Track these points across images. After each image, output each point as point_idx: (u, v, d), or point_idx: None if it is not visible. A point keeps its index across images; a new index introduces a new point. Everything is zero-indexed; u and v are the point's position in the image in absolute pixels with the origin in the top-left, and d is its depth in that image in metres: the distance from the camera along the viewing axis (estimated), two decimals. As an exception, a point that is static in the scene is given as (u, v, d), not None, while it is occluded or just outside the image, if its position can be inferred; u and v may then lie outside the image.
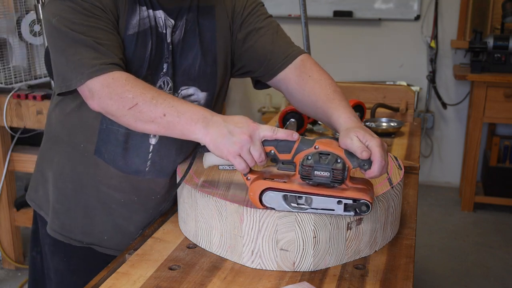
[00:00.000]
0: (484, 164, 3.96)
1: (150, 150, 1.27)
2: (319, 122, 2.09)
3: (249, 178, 1.08)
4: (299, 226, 1.04)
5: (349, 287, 1.02)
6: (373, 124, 2.03)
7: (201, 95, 1.31)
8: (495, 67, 3.53)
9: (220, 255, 1.12)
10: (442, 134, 4.21)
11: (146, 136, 1.26)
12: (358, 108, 2.00)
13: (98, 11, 1.15)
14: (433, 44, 3.99)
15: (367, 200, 1.01)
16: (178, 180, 1.23)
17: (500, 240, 3.37)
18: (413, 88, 3.88)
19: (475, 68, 3.53)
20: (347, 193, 1.02)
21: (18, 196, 2.88)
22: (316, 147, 1.03)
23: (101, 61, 1.10)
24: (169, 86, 1.27)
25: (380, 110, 2.14)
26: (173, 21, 1.26)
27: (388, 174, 1.24)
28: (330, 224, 1.06)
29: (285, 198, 1.04)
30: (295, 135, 1.05)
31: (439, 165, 4.26)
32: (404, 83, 3.74)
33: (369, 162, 1.02)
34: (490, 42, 3.50)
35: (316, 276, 1.06)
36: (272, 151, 1.05)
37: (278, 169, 1.08)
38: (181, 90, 1.29)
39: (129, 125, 1.13)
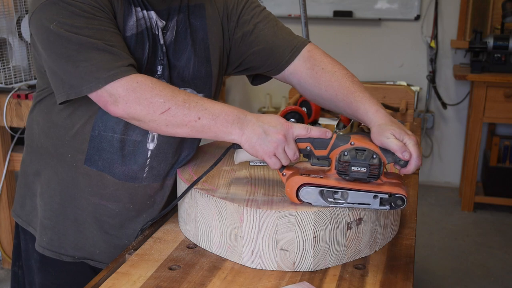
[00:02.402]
0: (484, 164, 3.96)
1: (148, 156, 1.24)
2: (319, 122, 2.09)
3: (284, 174, 1.10)
4: (299, 226, 1.04)
5: (349, 287, 1.02)
6: (373, 124, 2.03)
7: None
8: (495, 67, 3.53)
9: (220, 255, 1.12)
10: (442, 134, 4.21)
11: (143, 141, 1.22)
12: (358, 108, 1.99)
13: (98, 12, 1.09)
14: (433, 44, 4.00)
15: (403, 195, 1.04)
16: (178, 183, 1.23)
17: (500, 240, 3.37)
18: (413, 88, 3.88)
19: (475, 68, 3.53)
20: (384, 188, 1.05)
21: (18, 196, 2.89)
22: (352, 143, 1.06)
23: (119, 64, 1.05)
24: None
25: (380, 110, 2.13)
26: (164, 22, 1.22)
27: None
28: (330, 224, 1.06)
29: (321, 193, 1.06)
30: (328, 133, 1.07)
31: (439, 165, 4.26)
32: (404, 83, 3.74)
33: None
34: (490, 42, 3.50)
35: (316, 276, 1.06)
36: (308, 148, 1.08)
37: (312, 165, 1.10)
38: None
39: (158, 129, 1.09)
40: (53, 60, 1.09)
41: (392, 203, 1.05)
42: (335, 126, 2.02)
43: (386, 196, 1.05)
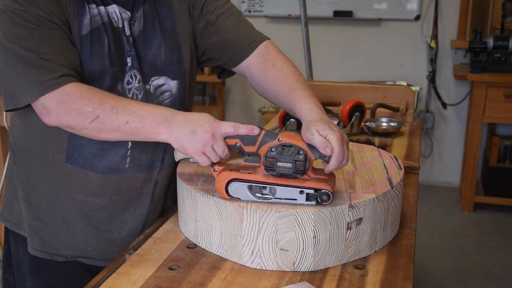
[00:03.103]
0: (484, 164, 3.96)
1: (129, 147, 1.25)
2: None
3: (216, 169, 1.12)
4: (299, 226, 1.04)
5: (349, 287, 1.02)
6: (373, 124, 2.03)
7: (172, 84, 1.31)
8: (495, 67, 3.54)
9: (220, 255, 1.12)
10: (442, 134, 4.21)
11: None
12: (358, 108, 2.00)
13: (41, 22, 1.12)
14: (433, 44, 4.00)
15: (328, 190, 1.05)
16: (178, 183, 1.24)
17: (500, 240, 3.37)
18: (413, 88, 3.88)
19: (475, 68, 3.53)
20: (309, 183, 1.06)
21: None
22: (280, 139, 1.08)
23: (50, 77, 1.09)
24: (137, 79, 1.26)
25: (380, 110, 2.13)
26: (129, 13, 1.25)
27: (388, 174, 1.24)
28: (330, 224, 1.06)
29: (250, 188, 1.09)
30: (255, 130, 1.09)
31: (439, 165, 4.27)
32: (404, 83, 3.74)
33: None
34: (490, 42, 3.50)
35: (316, 276, 1.06)
36: (238, 144, 1.10)
37: (244, 161, 1.13)
38: (152, 81, 1.28)
39: (92, 136, 1.13)
40: (0, 68, 1.13)
41: (318, 199, 1.06)
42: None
43: (312, 191, 1.06)
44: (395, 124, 2.05)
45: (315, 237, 1.05)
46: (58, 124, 1.12)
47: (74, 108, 1.09)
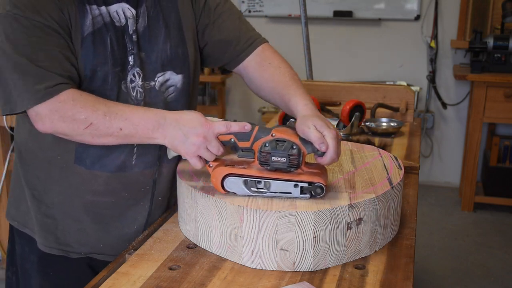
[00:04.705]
0: (484, 164, 3.96)
1: (135, 145, 1.26)
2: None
3: (211, 165, 1.14)
4: (299, 226, 1.04)
5: (349, 287, 1.02)
6: (373, 124, 2.03)
7: (177, 78, 1.32)
8: (495, 67, 3.54)
9: (220, 255, 1.12)
10: (442, 134, 4.21)
11: None
12: (358, 108, 2.00)
13: (40, 29, 1.12)
14: (433, 44, 4.00)
15: (321, 183, 1.08)
16: (178, 183, 1.24)
17: (500, 240, 3.37)
18: (413, 88, 3.88)
19: (475, 68, 3.53)
20: (303, 177, 1.09)
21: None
22: (273, 134, 1.10)
23: (45, 85, 1.10)
24: (140, 77, 1.26)
25: (380, 110, 2.13)
26: (134, 11, 1.25)
27: (388, 174, 1.24)
28: (330, 224, 1.06)
29: (245, 183, 1.11)
30: (247, 127, 1.11)
31: (439, 165, 4.26)
32: (404, 83, 3.74)
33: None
34: (490, 42, 3.50)
35: (316, 276, 1.06)
36: (232, 140, 1.12)
37: (238, 157, 1.15)
38: (158, 77, 1.29)
39: (87, 141, 1.15)
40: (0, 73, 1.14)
41: (312, 192, 1.09)
42: (335, 126, 2.02)
43: (306, 184, 1.09)
44: (395, 124, 2.05)
45: (315, 237, 1.05)
46: (53, 131, 1.14)
47: (68, 116, 1.11)
